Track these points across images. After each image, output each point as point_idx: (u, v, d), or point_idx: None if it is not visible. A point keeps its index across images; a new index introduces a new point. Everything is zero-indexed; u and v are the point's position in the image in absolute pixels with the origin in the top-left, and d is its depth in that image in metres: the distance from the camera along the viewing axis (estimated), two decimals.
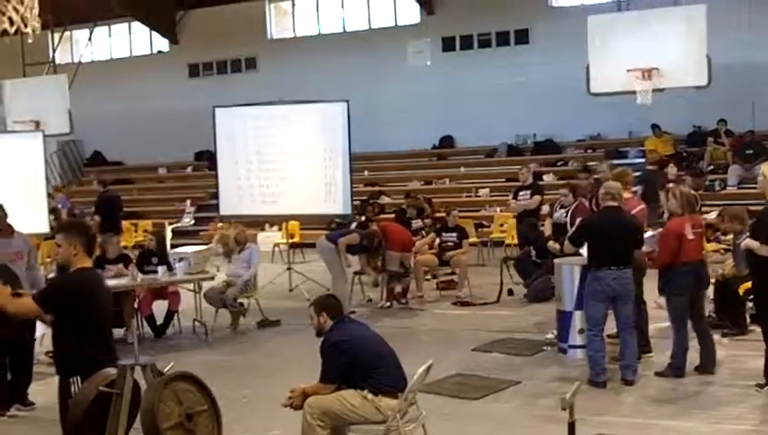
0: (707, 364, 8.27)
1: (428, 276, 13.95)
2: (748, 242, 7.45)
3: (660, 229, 8.78)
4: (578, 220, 9.67)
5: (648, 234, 8.59)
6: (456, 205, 17.00)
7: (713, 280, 10.61)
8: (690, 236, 8.11)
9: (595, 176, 11.03)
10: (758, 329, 9.37)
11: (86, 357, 5.41)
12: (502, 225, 17.62)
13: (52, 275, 9.71)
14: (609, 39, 13.93)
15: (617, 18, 14.49)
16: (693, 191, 9.62)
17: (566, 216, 11.09)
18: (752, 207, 10.41)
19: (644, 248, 8.39)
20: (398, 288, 12.67)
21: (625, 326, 8.16)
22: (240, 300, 11.71)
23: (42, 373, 8.31)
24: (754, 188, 12.40)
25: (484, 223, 18.43)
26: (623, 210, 8.36)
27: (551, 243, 11.36)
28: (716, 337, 9.38)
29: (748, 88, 18.55)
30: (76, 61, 25.05)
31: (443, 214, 14.75)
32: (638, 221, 8.56)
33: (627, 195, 8.89)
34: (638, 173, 13.79)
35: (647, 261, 8.65)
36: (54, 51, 20.76)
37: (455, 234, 13.56)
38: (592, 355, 8.12)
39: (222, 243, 12.76)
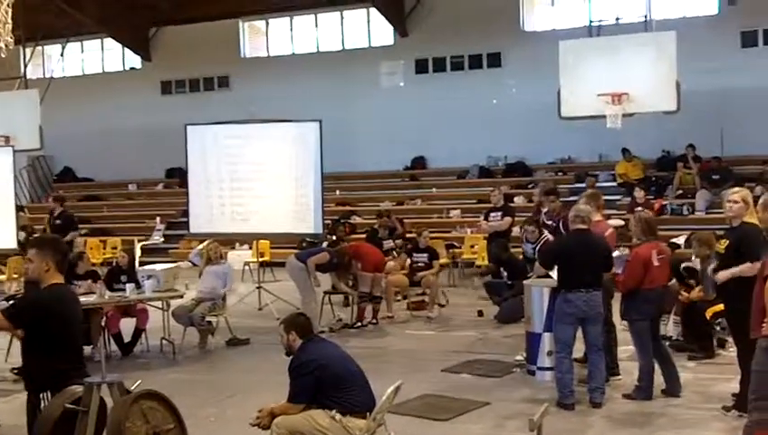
0: (673, 387, 8.33)
1: (399, 297, 13.95)
2: (735, 270, 7.33)
3: (626, 251, 8.85)
4: None
5: (615, 253, 8.66)
6: (428, 225, 17.05)
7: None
8: (656, 263, 8.19)
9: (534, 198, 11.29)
10: (724, 353, 9.51)
11: (57, 373, 5.37)
12: (473, 246, 17.67)
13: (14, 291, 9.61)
14: (580, 64, 14.10)
15: (588, 43, 14.67)
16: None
17: (534, 253, 11.23)
18: (719, 232, 10.50)
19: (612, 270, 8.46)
20: (369, 309, 12.67)
21: (593, 348, 8.21)
22: (208, 318, 11.64)
23: (6, 390, 8.21)
24: (722, 212, 12.52)
25: (455, 244, 18.47)
26: (592, 233, 8.42)
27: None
28: (683, 360, 9.48)
29: (717, 114, 18.79)
30: (48, 76, 24.88)
31: (414, 235, 14.79)
32: (607, 244, 8.62)
33: (597, 217, 8.96)
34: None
35: (614, 283, 8.71)
36: (26, 66, 20.59)
37: (425, 254, 13.59)
38: (561, 377, 8.15)
39: (208, 253, 12.48)
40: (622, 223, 12.81)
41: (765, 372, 5.68)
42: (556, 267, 8.51)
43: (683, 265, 10.50)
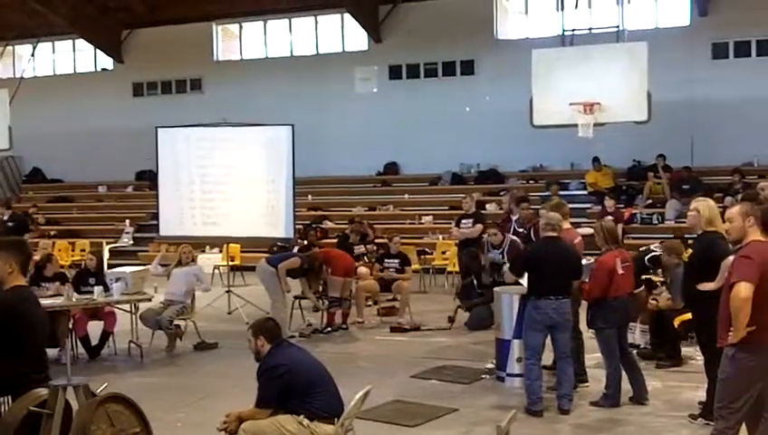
0: (640, 394, 8.37)
1: (369, 302, 13.92)
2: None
3: (591, 259, 8.89)
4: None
5: (583, 262, 8.70)
6: (400, 231, 17.04)
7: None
8: (620, 271, 8.24)
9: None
10: (691, 361, 9.58)
11: (19, 376, 5.31)
12: (444, 252, 17.70)
13: None
14: (553, 73, 14.20)
15: (561, 52, 14.77)
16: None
17: (502, 256, 11.24)
18: (689, 241, 10.59)
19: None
20: (338, 313, 12.64)
21: (562, 355, 8.24)
22: (177, 322, 11.55)
23: None
24: None
25: (427, 250, 18.49)
26: (563, 241, 8.46)
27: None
28: (651, 368, 9.54)
29: (687, 124, 18.98)
30: (18, 76, 24.65)
31: (385, 240, 14.77)
32: (577, 252, 8.67)
33: (566, 225, 9.01)
34: None
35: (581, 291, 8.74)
36: None
37: (397, 260, 13.58)
38: (530, 384, 8.16)
39: (180, 255, 12.38)
40: (592, 231, 12.85)
41: (731, 381, 5.73)
42: (526, 275, 8.53)
43: (647, 256, 10.57)
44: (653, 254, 10.56)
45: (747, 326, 5.54)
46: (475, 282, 12.73)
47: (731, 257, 6.29)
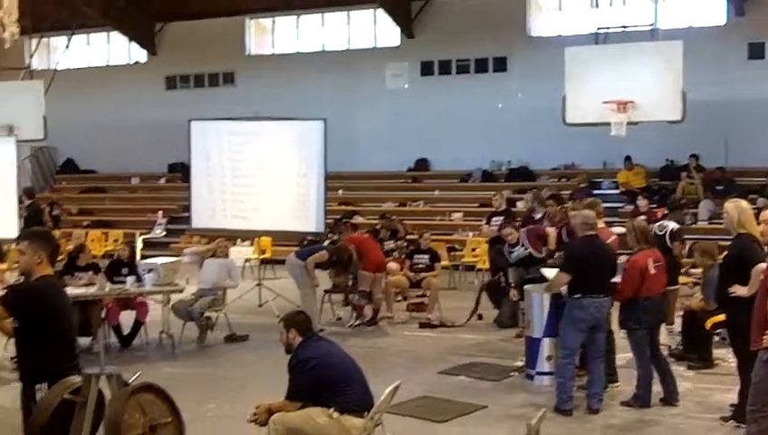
0: (671, 396, 8.32)
1: (399, 298, 13.93)
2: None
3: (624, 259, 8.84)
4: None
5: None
6: (429, 228, 17.03)
7: (680, 312, 10.76)
8: (652, 271, 8.18)
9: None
10: (723, 363, 9.50)
11: (50, 364, 5.36)
12: (474, 249, 17.65)
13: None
14: (586, 71, 14.08)
15: (594, 50, 14.64)
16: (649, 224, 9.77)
17: (525, 248, 11.09)
18: (722, 242, 10.49)
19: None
20: (368, 308, 12.66)
21: (597, 355, 8.17)
22: (208, 314, 11.62)
23: (5, 378, 8.21)
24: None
25: (457, 247, 18.46)
26: (600, 239, 8.42)
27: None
28: (682, 369, 9.48)
29: (721, 125, 18.76)
30: (53, 67, 24.84)
31: (415, 236, 14.75)
32: (614, 250, 8.64)
33: (600, 224, 8.95)
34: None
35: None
36: (31, 56, 20.61)
37: (426, 256, 13.58)
38: (563, 383, 8.08)
39: (216, 248, 12.53)
40: (624, 231, 12.79)
41: (764, 384, 5.68)
42: (546, 271, 8.48)
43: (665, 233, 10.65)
44: (671, 229, 10.57)
45: None
46: (503, 279, 12.67)
47: (763, 265, 6.24)
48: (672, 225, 11.40)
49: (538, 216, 12.09)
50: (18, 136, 16.69)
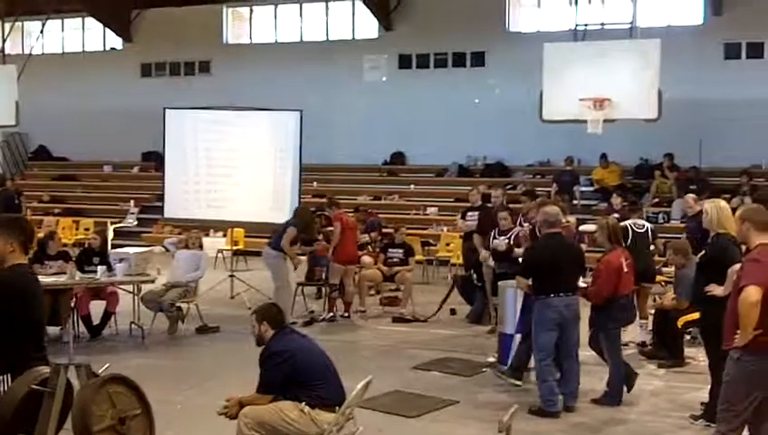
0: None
1: (372, 292, 13.89)
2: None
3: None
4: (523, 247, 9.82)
5: None
6: (404, 222, 17.00)
7: (651, 311, 10.81)
8: (625, 269, 8.18)
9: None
10: (694, 361, 9.56)
11: (18, 354, 5.28)
12: (448, 244, 17.65)
13: None
14: (564, 67, 14.10)
15: (572, 47, 14.68)
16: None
17: (508, 241, 11.02)
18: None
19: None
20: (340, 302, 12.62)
21: (571, 353, 8.12)
22: (179, 304, 11.52)
23: None
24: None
25: (431, 241, 18.45)
26: (564, 236, 8.38)
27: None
28: (653, 368, 9.52)
29: (696, 124, 18.86)
30: (26, 52, 24.58)
31: (390, 230, 14.70)
32: (580, 247, 8.61)
33: (566, 221, 8.90)
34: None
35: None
36: (4, 41, 20.35)
37: (401, 250, 13.55)
38: (546, 384, 7.93)
39: (187, 240, 12.43)
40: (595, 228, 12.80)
41: (735, 383, 5.70)
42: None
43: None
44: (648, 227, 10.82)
45: (754, 330, 5.51)
46: (474, 275, 12.65)
47: (737, 265, 6.25)
48: (647, 223, 11.46)
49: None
50: None
